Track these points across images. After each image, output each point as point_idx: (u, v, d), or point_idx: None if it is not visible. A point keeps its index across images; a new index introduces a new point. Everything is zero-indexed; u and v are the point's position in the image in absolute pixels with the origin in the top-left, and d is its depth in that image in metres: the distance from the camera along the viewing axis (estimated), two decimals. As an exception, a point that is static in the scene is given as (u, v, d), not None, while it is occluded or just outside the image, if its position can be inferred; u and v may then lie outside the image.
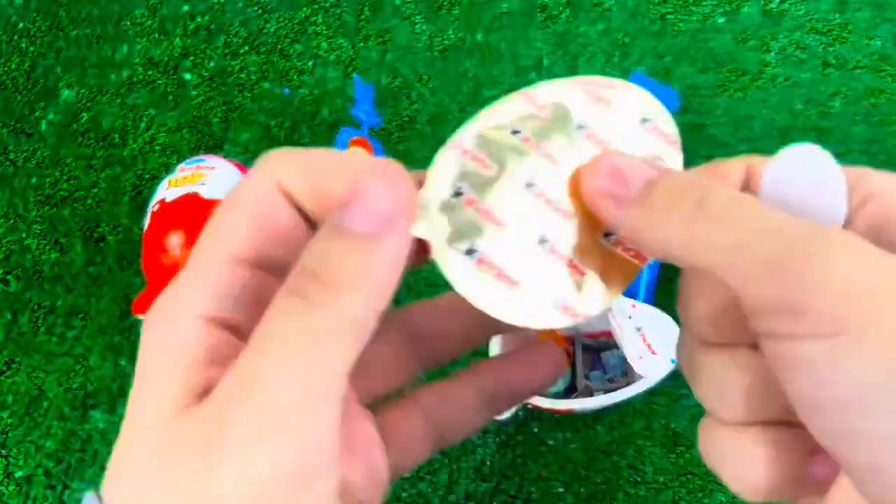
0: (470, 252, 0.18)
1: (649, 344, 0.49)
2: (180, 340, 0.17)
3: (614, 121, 0.19)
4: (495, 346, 0.48)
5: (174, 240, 0.52)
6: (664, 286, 0.54)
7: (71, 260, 0.59)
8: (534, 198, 0.19)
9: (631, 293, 0.53)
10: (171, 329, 0.17)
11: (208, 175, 0.54)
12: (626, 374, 0.53)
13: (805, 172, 0.18)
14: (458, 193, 0.18)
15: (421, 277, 0.55)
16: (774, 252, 0.15)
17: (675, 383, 0.52)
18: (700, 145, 0.61)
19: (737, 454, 0.19)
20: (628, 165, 0.18)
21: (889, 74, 0.64)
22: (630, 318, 0.50)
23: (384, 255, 0.16)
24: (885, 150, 0.61)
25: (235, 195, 0.18)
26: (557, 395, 0.53)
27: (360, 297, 0.16)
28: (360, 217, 0.16)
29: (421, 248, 0.18)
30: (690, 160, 0.19)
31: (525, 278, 0.18)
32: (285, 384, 0.15)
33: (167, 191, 0.54)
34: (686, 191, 0.17)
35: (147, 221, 0.54)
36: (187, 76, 0.67)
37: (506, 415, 0.51)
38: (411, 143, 0.62)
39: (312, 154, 0.19)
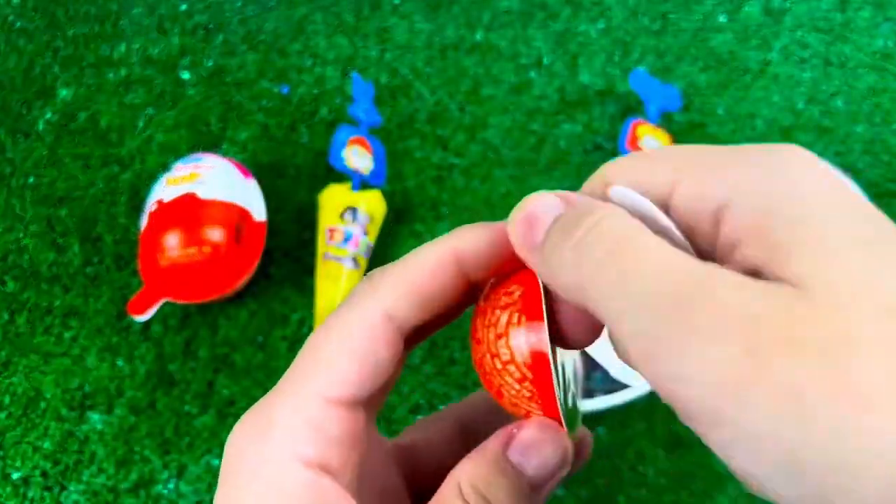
0: None
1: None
2: (281, 487, 0.17)
3: None
4: None
5: (171, 240, 0.51)
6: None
7: (68, 260, 0.59)
8: None
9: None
10: (273, 473, 0.17)
11: (206, 174, 0.54)
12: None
13: (638, 209, 0.18)
14: None
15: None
16: (650, 327, 0.15)
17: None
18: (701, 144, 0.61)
19: None
20: (539, 205, 0.18)
21: (891, 73, 0.64)
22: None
23: (542, 502, 0.19)
24: (888, 149, 0.61)
25: (340, 324, 0.19)
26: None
27: None
28: (538, 471, 0.19)
29: None
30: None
31: None
32: None
33: (165, 190, 0.54)
34: (574, 228, 0.17)
35: (144, 221, 0.54)
36: (185, 75, 0.66)
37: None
38: (411, 141, 0.62)
39: (414, 271, 0.20)
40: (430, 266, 0.19)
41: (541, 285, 0.19)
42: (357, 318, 0.19)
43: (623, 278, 0.15)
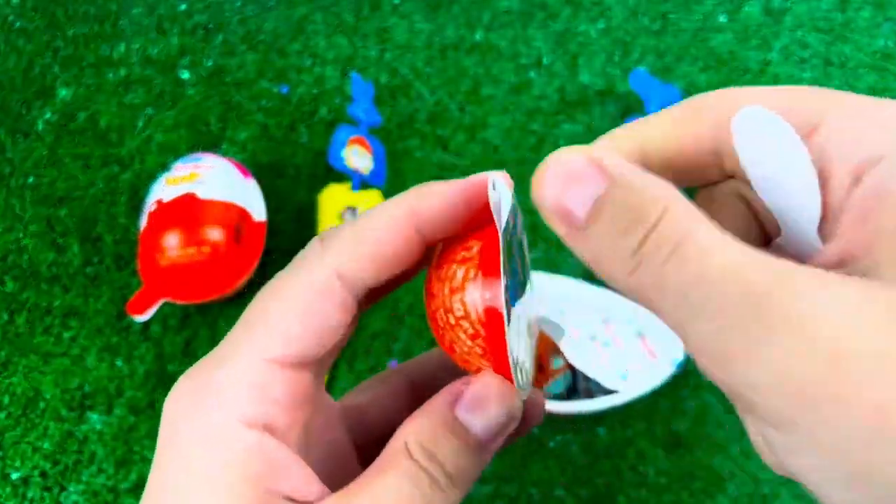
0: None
1: (651, 348, 0.49)
2: (226, 455, 0.17)
3: None
4: None
5: (171, 240, 0.51)
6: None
7: (68, 260, 0.59)
8: None
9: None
10: (213, 436, 0.17)
11: (205, 174, 0.54)
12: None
13: (769, 140, 0.15)
14: None
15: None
16: (719, 334, 0.14)
17: (677, 385, 0.51)
18: (701, 144, 0.61)
19: None
20: (575, 174, 0.16)
21: (891, 73, 0.64)
22: (630, 323, 0.50)
23: (488, 459, 0.19)
24: (888, 149, 0.61)
25: (287, 284, 0.19)
26: (559, 397, 0.53)
27: (465, 491, 0.18)
28: (480, 424, 0.18)
29: None
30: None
31: None
32: None
33: (164, 190, 0.54)
34: (630, 226, 0.15)
35: (144, 221, 0.54)
36: (185, 75, 0.66)
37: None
38: (410, 141, 0.61)
39: (368, 231, 0.19)
40: (384, 225, 0.19)
41: (500, 242, 0.18)
42: (305, 278, 0.19)
43: (686, 288, 0.14)
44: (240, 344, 0.18)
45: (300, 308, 0.18)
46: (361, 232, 0.19)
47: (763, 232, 0.18)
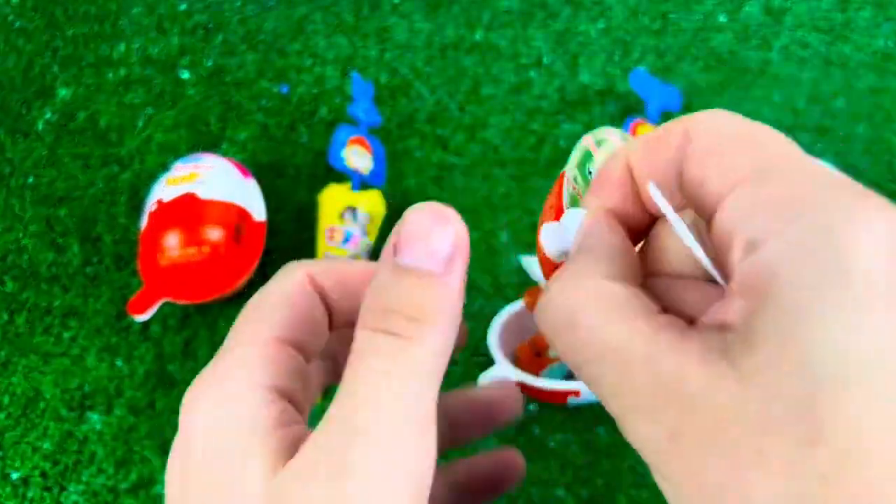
0: None
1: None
2: (250, 410, 0.17)
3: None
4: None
5: (171, 240, 0.51)
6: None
7: (68, 260, 0.59)
8: None
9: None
10: (236, 401, 0.18)
11: (205, 174, 0.54)
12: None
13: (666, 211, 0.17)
14: None
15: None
16: (598, 395, 0.16)
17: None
18: (701, 144, 0.61)
19: None
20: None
21: (892, 73, 0.64)
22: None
23: (452, 290, 0.17)
24: (889, 149, 0.61)
25: (270, 287, 0.20)
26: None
27: (444, 330, 0.17)
28: (425, 257, 0.17)
29: None
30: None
31: None
32: (399, 417, 0.16)
33: (164, 190, 0.54)
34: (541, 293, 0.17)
35: (144, 221, 0.54)
36: (185, 75, 0.66)
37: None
38: (410, 141, 0.61)
39: (333, 260, 0.21)
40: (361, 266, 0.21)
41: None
42: (285, 278, 0.20)
43: (574, 358, 0.16)
44: (244, 331, 0.19)
45: (287, 299, 0.20)
46: (337, 260, 0.22)
47: None
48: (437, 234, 0.17)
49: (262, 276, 0.56)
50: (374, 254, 0.57)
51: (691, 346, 0.14)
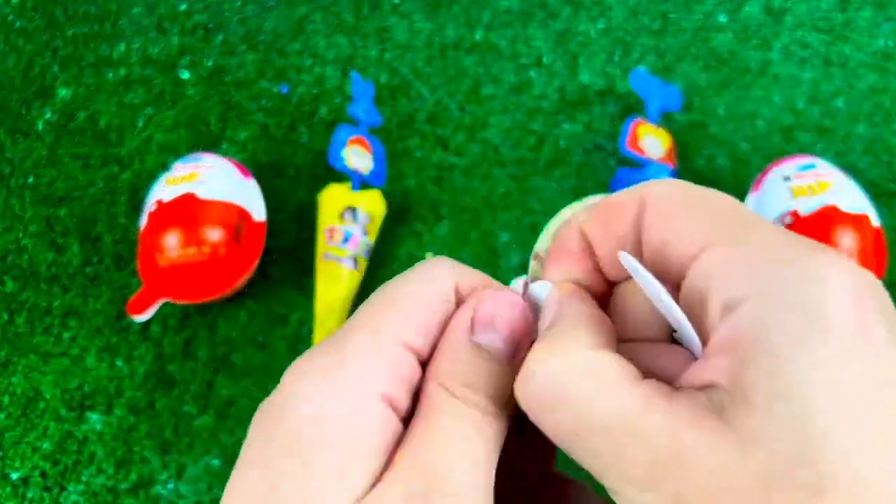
0: None
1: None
2: (366, 424, 0.17)
3: None
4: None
5: (171, 240, 0.51)
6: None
7: (68, 260, 0.59)
8: None
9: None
10: (355, 410, 0.17)
11: (205, 174, 0.54)
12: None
13: (640, 278, 0.17)
14: None
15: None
16: (590, 467, 0.16)
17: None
18: (701, 144, 0.60)
19: None
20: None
21: (892, 73, 0.64)
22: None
23: (512, 376, 0.18)
24: (888, 149, 0.61)
25: (416, 286, 0.20)
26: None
27: (504, 410, 0.18)
28: (507, 341, 0.18)
29: None
30: (692, 159, 0.19)
31: None
32: (480, 485, 0.17)
33: (164, 190, 0.54)
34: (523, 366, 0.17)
35: (144, 221, 0.54)
36: (185, 75, 0.66)
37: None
38: (410, 141, 0.61)
39: (477, 274, 0.21)
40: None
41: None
42: (429, 280, 0.19)
43: (564, 435, 0.16)
44: (373, 322, 0.18)
45: (429, 306, 0.19)
46: (478, 274, 0.21)
47: None
48: (508, 318, 0.19)
49: (262, 275, 0.56)
50: (374, 254, 0.57)
51: (680, 409, 0.14)
